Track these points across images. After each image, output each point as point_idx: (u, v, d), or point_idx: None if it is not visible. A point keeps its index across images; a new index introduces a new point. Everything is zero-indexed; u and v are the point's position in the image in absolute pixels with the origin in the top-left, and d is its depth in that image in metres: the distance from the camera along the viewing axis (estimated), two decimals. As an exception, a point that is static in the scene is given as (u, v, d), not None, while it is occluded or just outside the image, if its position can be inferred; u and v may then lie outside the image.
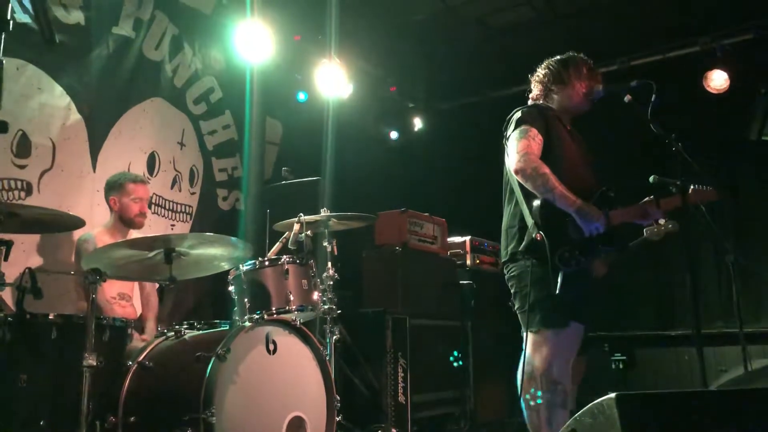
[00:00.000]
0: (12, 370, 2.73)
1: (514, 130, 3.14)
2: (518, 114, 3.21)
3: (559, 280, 2.91)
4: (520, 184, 3.11)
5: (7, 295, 3.62)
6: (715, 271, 5.47)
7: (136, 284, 4.06)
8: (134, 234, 3.94)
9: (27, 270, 2.82)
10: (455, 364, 5.22)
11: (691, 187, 3.16)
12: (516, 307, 3.18)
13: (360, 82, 6.06)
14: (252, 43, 4.80)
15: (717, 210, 3.34)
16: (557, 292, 2.90)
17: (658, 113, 3.00)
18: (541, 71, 3.42)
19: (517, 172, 3.05)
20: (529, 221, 3.05)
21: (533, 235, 2.99)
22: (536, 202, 3.03)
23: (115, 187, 3.93)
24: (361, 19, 5.59)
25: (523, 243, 3.07)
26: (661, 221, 3.37)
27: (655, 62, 5.94)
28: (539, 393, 2.98)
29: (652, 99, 3.01)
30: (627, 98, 3.14)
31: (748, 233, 5.69)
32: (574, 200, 2.98)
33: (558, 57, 3.40)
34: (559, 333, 3.00)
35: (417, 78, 7.01)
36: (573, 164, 3.20)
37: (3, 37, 1.29)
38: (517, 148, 3.07)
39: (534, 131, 3.10)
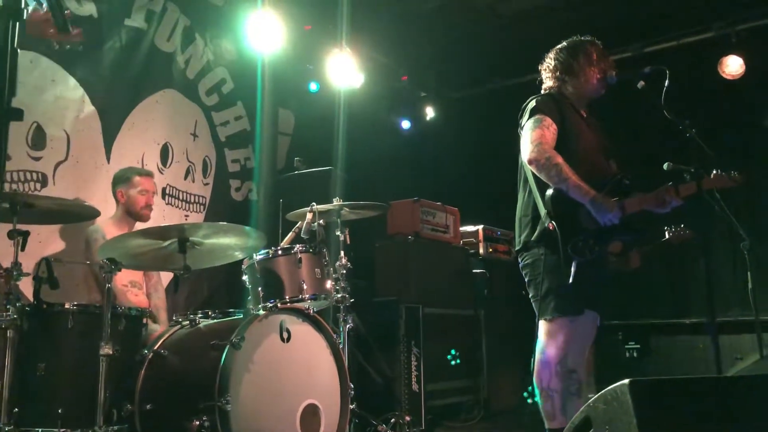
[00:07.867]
0: (30, 359, 2.77)
1: (528, 120, 3.10)
2: (533, 103, 3.17)
3: (572, 269, 2.90)
4: (533, 173, 3.08)
5: (24, 285, 3.65)
6: (730, 258, 5.41)
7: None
8: (142, 226, 3.96)
9: (43, 260, 2.86)
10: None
11: (714, 171, 3.12)
12: (530, 295, 3.17)
13: (371, 71, 6.04)
14: (263, 34, 4.79)
15: (731, 197, 3.29)
16: (570, 281, 2.88)
17: (672, 99, 2.97)
18: (549, 61, 3.32)
19: (530, 162, 3.01)
20: (542, 210, 3.02)
21: (546, 225, 2.97)
22: (549, 192, 3.00)
23: (122, 180, 3.97)
24: (372, 9, 5.57)
25: (536, 232, 3.06)
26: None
27: (669, 48, 5.87)
28: (554, 381, 2.97)
29: (666, 85, 2.98)
30: (640, 84, 3.11)
31: (763, 220, 5.63)
32: (587, 191, 2.94)
33: (565, 44, 3.31)
34: (573, 321, 2.99)
35: (429, 67, 6.98)
36: (589, 153, 3.16)
37: (18, 27, 1.30)
38: (530, 137, 3.03)
39: (548, 120, 3.06)
